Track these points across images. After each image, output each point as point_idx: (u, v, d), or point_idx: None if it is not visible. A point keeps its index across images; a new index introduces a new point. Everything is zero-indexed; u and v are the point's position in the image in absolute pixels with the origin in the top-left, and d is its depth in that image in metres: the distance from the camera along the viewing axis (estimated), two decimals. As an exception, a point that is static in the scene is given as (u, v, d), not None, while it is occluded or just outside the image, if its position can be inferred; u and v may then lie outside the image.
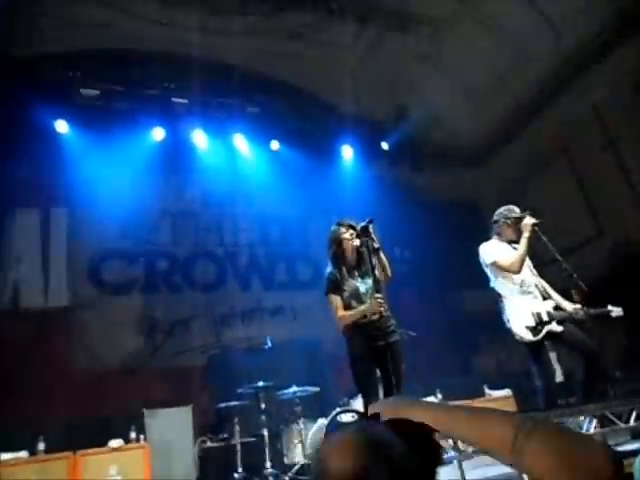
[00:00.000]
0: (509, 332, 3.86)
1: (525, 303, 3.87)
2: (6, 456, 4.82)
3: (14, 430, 5.20)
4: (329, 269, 3.74)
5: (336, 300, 3.63)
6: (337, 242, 3.76)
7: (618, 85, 6.64)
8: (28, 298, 6.52)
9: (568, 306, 3.86)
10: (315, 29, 6.75)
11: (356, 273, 3.73)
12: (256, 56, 6.95)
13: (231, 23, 6.43)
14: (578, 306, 3.80)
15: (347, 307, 3.62)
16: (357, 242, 3.71)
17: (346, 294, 3.64)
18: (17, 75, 6.25)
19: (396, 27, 6.93)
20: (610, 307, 3.83)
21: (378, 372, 3.61)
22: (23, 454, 4.91)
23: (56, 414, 5.74)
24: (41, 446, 5.00)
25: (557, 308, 3.91)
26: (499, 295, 4.00)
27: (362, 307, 3.57)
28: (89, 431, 5.42)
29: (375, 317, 3.52)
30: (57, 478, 4.81)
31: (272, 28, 6.73)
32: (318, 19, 6.63)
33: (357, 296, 3.65)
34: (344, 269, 3.71)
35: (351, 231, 3.75)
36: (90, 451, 5.04)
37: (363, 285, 3.70)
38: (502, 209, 4.19)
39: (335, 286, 3.66)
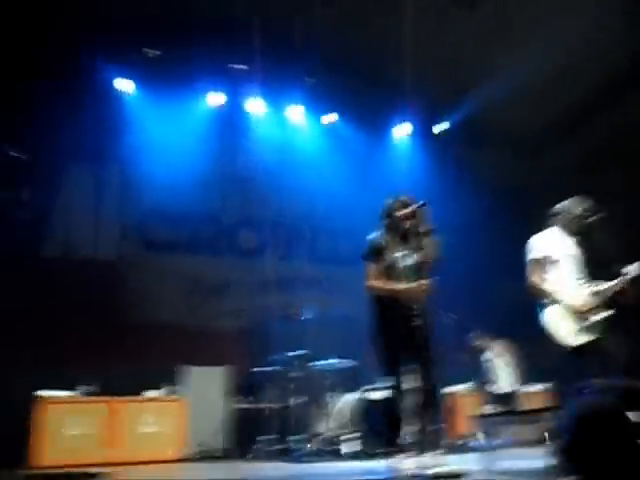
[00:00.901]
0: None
1: (566, 306, 3.64)
2: (49, 393, 5.08)
3: (58, 371, 5.46)
4: (375, 235, 3.72)
5: (371, 268, 3.61)
6: (389, 214, 3.75)
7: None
8: (79, 248, 6.78)
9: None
10: (380, 2, 6.61)
11: (399, 248, 3.69)
12: (318, 27, 6.86)
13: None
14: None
15: (380, 277, 3.59)
16: (407, 222, 3.68)
17: (384, 265, 3.61)
18: (83, 27, 6.35)
19: (464, 3, 6.71)
20: (627, 268, 3.53)
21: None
22: (66, 394, 5.17)
23: (97, 361, 5.98)
24: (82, 389, 5.25)
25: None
26: (540, 298, 3.83)
27: (403, 286, 3.52)
28: (127, 380, 5.62)
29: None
30: (96, 420, 5.06)
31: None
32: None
33: (394, 270, 3.61)
34: (390, 240, 3.69)
35: (404, 209, 3.72)
36: (128, 398, 5.27)
37: (402, 262, 3.65)
38: (567, 202, 4.00)
39: (375, 253, 3.64)
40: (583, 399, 1.40)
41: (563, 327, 3.62)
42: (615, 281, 3.59)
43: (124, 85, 7.11)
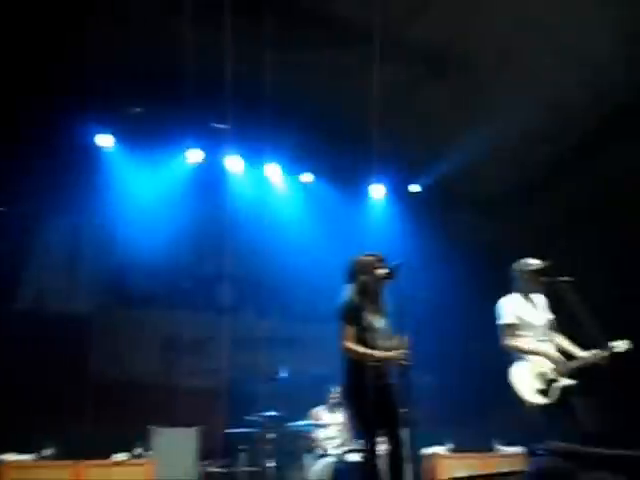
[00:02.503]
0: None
1: (531, 366, 3.78)
2: (11, 457, 4.86)
3: (24, 433, 5.24)
4: (351, 297, 3.63)
5: (348, 329, 3.52)
6: (369, 271, 3.66)
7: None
8: (52, 301, 6.66)
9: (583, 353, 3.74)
10: (357, 67, 6.90)
11: (373, 308, 3.65)
12: (296, 89, 7.12)
13: (275, 55, 6.61)
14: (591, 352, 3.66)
15: (359, 340, 3.50)
16: (383, 283, 3.64)
17: (362, 327, 3.53)
18: (65, 83, 6.47)
19: (438, 72, 7.04)
20: (614, 343, 3.65)
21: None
22: (28, 457, 4.95)
23: (64, 421, 5.76)
24: (47, 452, 5.03)
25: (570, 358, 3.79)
26: (510, 359, 3.92)
27: (382, 353, 3.48)
28: (95, 442, 5.42)
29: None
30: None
31: (315, 63, 6.91)
32: (361, 58, 6.79)
33: (372, 332, 3.54)
34: (366, 301, 3.62)
35: (382, 265, 3.67)
36: (94, 462, 5.06)
37: (378, 322, 3.62)
38: (521, 262, 4.16)
39: (353, 315, 3.55)
40: (536, 460, 1.43)
41: (526, 386, 3.70)
42: (593, 352, 3.66)
43: (104, 141, 7.20)
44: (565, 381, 3.69)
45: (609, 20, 6.05)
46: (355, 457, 4.71)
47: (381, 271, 3.62)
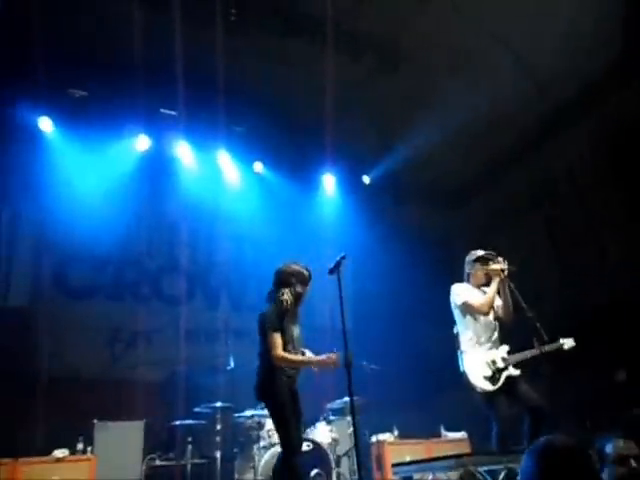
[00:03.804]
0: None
1: (480, 354, 3.95)
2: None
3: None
4: (277, 307, 3.77)
5: (278, 337, 3.66)
6: (304, 284, 3.89)
7: (594, 148, 6.92)
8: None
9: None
10: (309, 57, 6.87)
11: (294, 318, 3.87)
12: (246, 76, 7.03)
13: (225, 41, 6.49)
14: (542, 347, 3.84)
15: (284, 349, 3.68)
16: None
17: (287, 336, 3.72)
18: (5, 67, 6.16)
19: (389, 66, 7.11)
20: (562, 340, 3.91)
21: None
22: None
23: (3, 418, 5.52)
24: (-19, 450, 4.80)
25: (511, 352, 3.98)
26: (458, 346, 4.06)
27: (315, 358, 3.75)
28: (34, 438, 5.24)
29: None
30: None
31: (267, 50, 6.83)
32: (313, 48, 6.76)
33: (293, 340, 3.78)
34: (290, 312, 3.81)
35: (308, 280, 3.92)
36: (33, 459, 4.86)
37: (296, 330, 3.86)
38: (470, 254, 4.29)
39: (281, 323, 3.71)
40: (545, 440, 1.53)
41: (476, 372, 3.83)
42: (528, 352, 3.86)
43: (46, 125, 6.89)
44: (511, 370, 3.86)
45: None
46: (304, 447, 4.74)
47: (309, 284, 3.89)
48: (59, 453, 4.96)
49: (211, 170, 7.88)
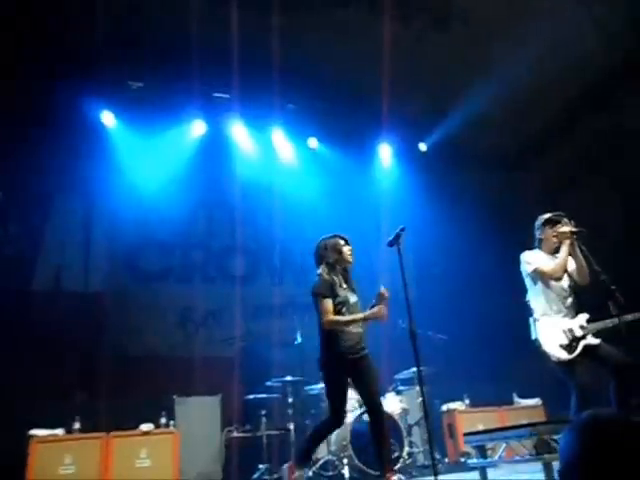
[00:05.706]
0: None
1: (556, 321, 3.77)
2: (42, 432, 5.00)
3: (51, 408, 5.39)
4: (324, 274, 3.88)
5: (328, 303, 3.76)
6: (338, 251, 3.94)
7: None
8: (69, 281, 6.75)
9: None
10: (358, 26, 6.72)
11: (344, 286, 3.92)
12: (296, 51, 6.97)
13: (273, 19, 6.45)
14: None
15: (338, 314, 3.77)
16: (350, 257, 3.96)
17: (338, 301, 3.80)
18: (68, 63, 6.40)
19: (441, 26, 6.85)
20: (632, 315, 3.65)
21: None
22: (59, 431, 5.09)
23: (90, 396, 5.93)
24: (76, 425, 5.18)
25: (591, 320, 3.82)
26: (531, 314, 3.93)
27: (368, 312, 3.75)
28: (121, 414, 5.56)
29: (359, 330, 3.77)
30: (90, 457, 4.99)
31: (315, 24, 6.73)
32: (363, 16, 6.61)
33: (348, 306, 3.83)
34: (339, 278, 3.90)
35: (348, 246, 3.99)
36: (122, 433, 5.20)
37: (352, 298, 3.90)
38: (539, 218, 4.12)
39: (329, 291, 3.80)
40: (589, 413, 1.32)
41: (551, 341, 3.70)
42: (609, 321, 3.67)
43: (108, 118, 7.16)
44: (590, 339, 3.70)
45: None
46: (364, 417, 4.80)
47: (347, 249, 3.97)
48: (145, 427, 5.26)
49: (266, 149, 7.96)
